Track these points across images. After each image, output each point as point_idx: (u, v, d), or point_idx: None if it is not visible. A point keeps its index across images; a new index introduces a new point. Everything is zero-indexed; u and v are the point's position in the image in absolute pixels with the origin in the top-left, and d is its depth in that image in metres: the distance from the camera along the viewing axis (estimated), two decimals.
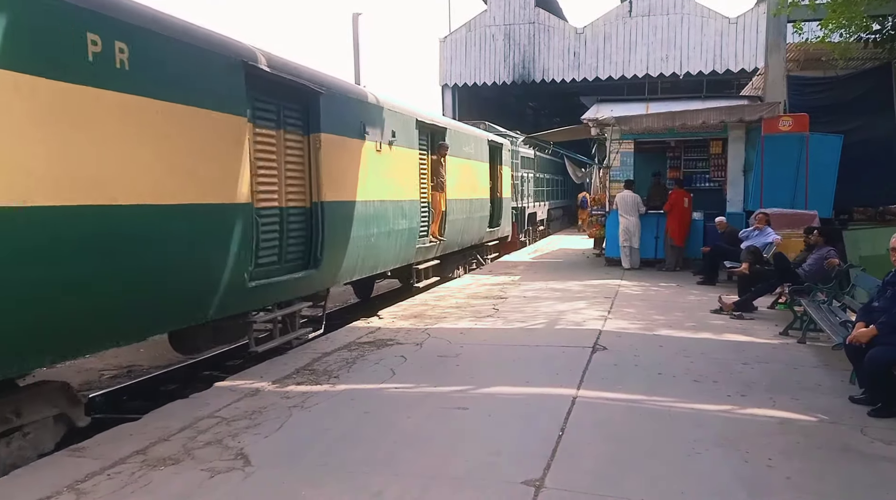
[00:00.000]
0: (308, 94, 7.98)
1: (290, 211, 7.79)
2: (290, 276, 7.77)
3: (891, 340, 5.22)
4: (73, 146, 4.82)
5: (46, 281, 4.67)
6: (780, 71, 14.33)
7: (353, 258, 9.28)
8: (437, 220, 12.85)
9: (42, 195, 4.58)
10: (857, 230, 11.80)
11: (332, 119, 8.44)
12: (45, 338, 4.79)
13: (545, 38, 29.48)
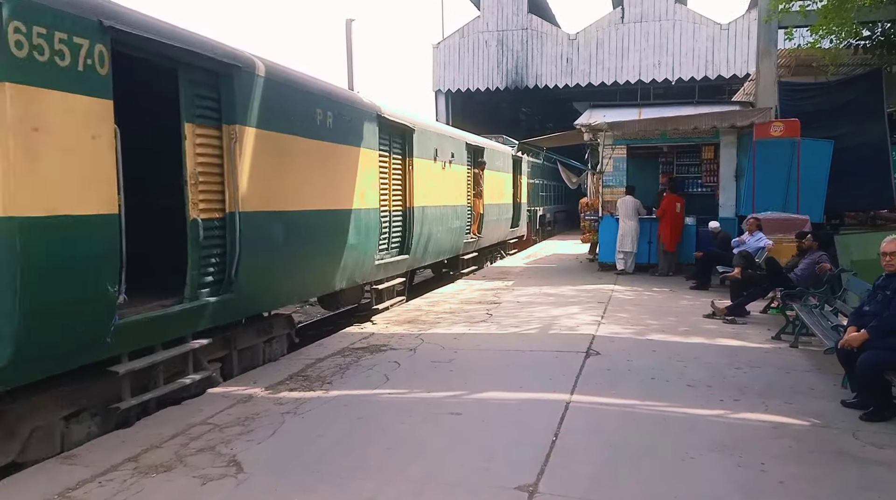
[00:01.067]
0: (406, 130, 11.23)
1: (393, 213, 10.82)
2: (393, 259, 10.77)
3: (882, 344, 5.24)
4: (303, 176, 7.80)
5: (287, 254, 7.45)
6: (771, 77, 14.42)
7: (429, 247, 12.49)
8: (476, 221, 15.81)
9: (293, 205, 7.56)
10: (848, 235, 11.87)
11: (419, 147, 11.70)
12: (284, 288, 7.76)
13: (538, 45, 29.59)
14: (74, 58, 4.74)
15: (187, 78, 5.99)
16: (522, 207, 21.10)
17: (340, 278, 8.95)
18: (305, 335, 9.83)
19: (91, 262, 4.95)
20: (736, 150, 14.63)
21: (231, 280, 6.51)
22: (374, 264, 9.91)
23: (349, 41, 16.08)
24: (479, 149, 15.87)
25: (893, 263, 5.52)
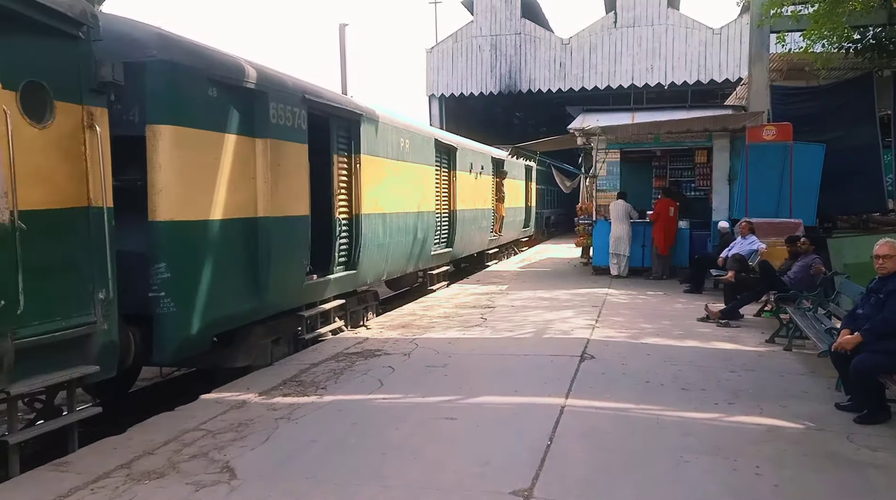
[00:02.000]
0: (451, 148, 14.52)
1: (442, 215, 14.05)
2: (442, 250, 14.10)
3: (875, 347, 5.25)
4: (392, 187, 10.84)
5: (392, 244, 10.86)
6: (763, 81, 14.47)
7: (466, 242, 15.88)
8: (498, 222, 19.16)
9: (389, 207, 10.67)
10: (841, 238, 11.91)
11: (460, 161, 15.05)
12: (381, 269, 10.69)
13: (531, 49, 29.65)
14: (293, 120, 7.80)
15: (335, 124, 9.05)
16: (532, 210, 25.26)
17: (411, 263, 12.30)
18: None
19: (298, 245, 8.01)
20: (729, 153, 14.69)
21: (354, 262, 9.56)
22: (430, 254, 13.28)
23: (342, 45, 16.08)
24: (500, 161, 19.08)
25: (886, 266, 5.53)
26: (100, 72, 5.07)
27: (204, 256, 6.45)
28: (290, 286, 7.90)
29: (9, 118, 4.33)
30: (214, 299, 6.49)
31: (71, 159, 4.94)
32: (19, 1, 4.45)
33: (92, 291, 5.08)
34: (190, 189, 6.22)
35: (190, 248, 6.31)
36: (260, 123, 7.14)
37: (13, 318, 4.38)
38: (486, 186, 17.94)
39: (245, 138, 6.97)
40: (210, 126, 6.49)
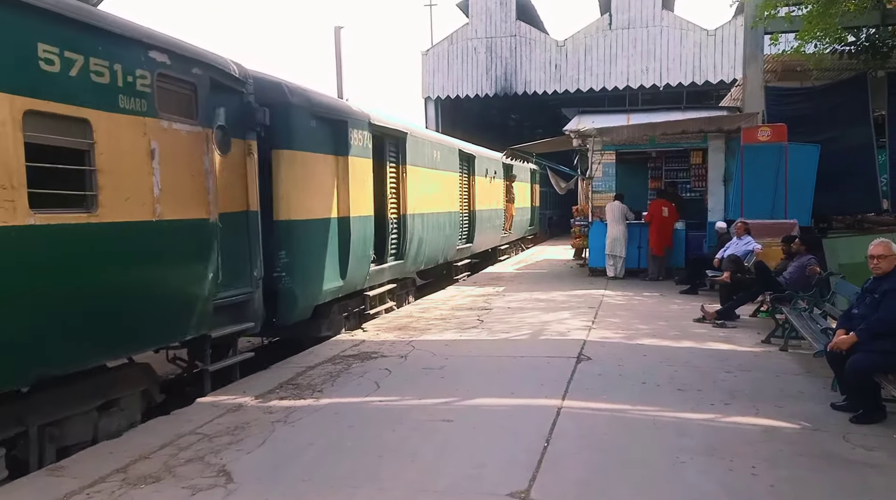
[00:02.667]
0: (470, 157, 16.84)
1: (464, 214, 16.33)
2: (464, 246, 16.32)
3: (871, 346, 5.26)
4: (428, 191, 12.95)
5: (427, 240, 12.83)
6: (758, 82, 14.51)
7: (483, 238, 18.00)
8: (508, 220, 21.39)
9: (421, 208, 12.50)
10: (836, 238, 11.94)
11: (478, 168, 17.41)
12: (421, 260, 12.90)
13: (527, 51, 29.68)
14: (363, 141, 10.07)
15: (387, 141, 11.32)
16: (537, 210, 27.84)
17: (441, 255, 14.51)
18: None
19: (367, 239, 10.15)
20: (724, 154, 14.72)
21: (402, 253, 11.80)
22: (455, 248, 15.56)
23: (338, 48, 16.10)
24: (510, 166, 21.22)
25: (881, 266, 5.54)
26: (256, 116, 7.34)
27: (309, 246, 8.67)
28: (362, 272, 10.17)
29: (212, 151, 6.60)
30: (316, 279, 8.79)
31: (239, 178, 7.16)
32: (217, 71, 6.71)
33: (250, 269, 7.30)
34: (299, 196, 8.41)
35: (300, 240, 8.41)
36: (342, 145, 9.47)
37: (215, 286, 6.58)
38: (499, 189, 20.28)
39: (333, 157, 9.35)
40: (312, 149, 8.75)
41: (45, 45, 4.80)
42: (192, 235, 6.38)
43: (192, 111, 6.38)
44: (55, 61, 4.89)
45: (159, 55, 5.93)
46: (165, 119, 6.01)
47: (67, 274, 5.02)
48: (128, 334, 5.69)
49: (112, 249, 5.45)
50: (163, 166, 5.93)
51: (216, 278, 6.55)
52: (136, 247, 5.70)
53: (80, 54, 5.09)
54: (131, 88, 5.58)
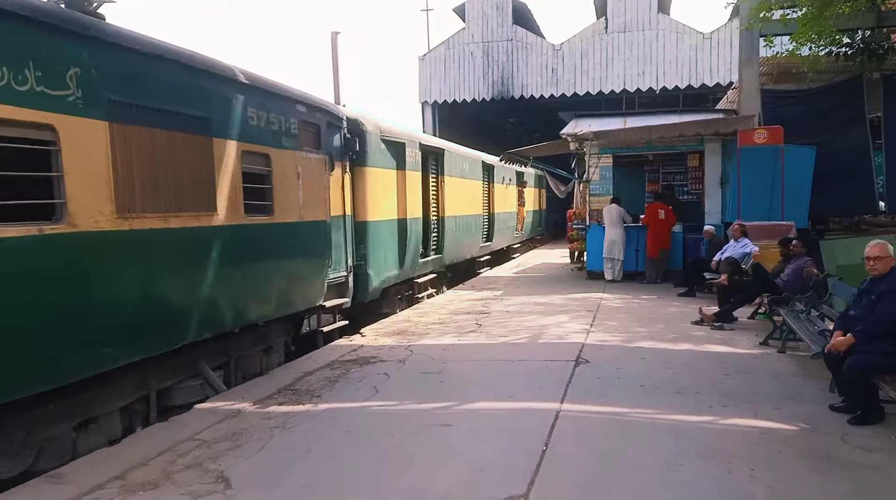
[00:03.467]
0: (490, 167, 19.03)
1: (484, 216, 18.41)
2: (485, 243, 18.61)
3: (868, 348, 5.27)
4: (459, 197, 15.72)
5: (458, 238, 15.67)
6: (754, 84, 14.55)
7: (499, 238, 20.38)
8: (520, 222, 23.86)
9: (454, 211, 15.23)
10: (833, 240, 11.96)
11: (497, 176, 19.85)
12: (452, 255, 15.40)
13: (523, 55, 29.72)
14: (415, 157, 12.52)
15: (432, 157, 13.87)
16: (544, 213, 30.30)
17: (467, 252, 16.95)
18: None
19: (417, 236, 12.43)
20: (721, 157, 14.75)
21: (440, 249, 14.35)
22: (479, 246, 17.99)
23: (335, 53, 16.14)
24: (521, 173, 23.41)
25: (877, 267, 5.55)
26: (349, 144, 9.89)
27: (379, 242, 11.00)
28: (413, 263, 12.63)
29: (326, 172, 9.06)
30: (384, 267, 11.20)
31: (339, 190, 9.52)
32: (330, 114, 9.33)
33: (346, 258, 9.78)
34: (373, 202, 10.75)
35: (374, 237, 10.73)
36: (401, 161, 11.97)
37: (328, 270, 9.05)
38: (512, 194, 22.75)
39: (395, 171, 11.80)
40: (380, 166, 11.15)
41: (251, 108, 7.31)
42: (318, 232, 8.83)
43: (317, 144, 8.90)
44: (254, 118, 7.39)
45: (301, 107, 8.44)
46: (304, 151, 8.45)
47: (260, 257, 7.53)
48: (288, 301, 8.18)
49: (281, 241, 7.96)
50: (303, 184, 8.34)
51: (329, 263, 9.12)
52: (291, 240, 8.17)
53: (265, 111, 7.56)
54: (288, 131, 8.05)
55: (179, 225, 6.19)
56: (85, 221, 5.13)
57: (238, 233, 7.01)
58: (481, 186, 18.15)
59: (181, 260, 6.28)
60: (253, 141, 7.31)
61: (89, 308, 5.24)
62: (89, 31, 5.26)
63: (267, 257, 7.64)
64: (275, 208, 7.64)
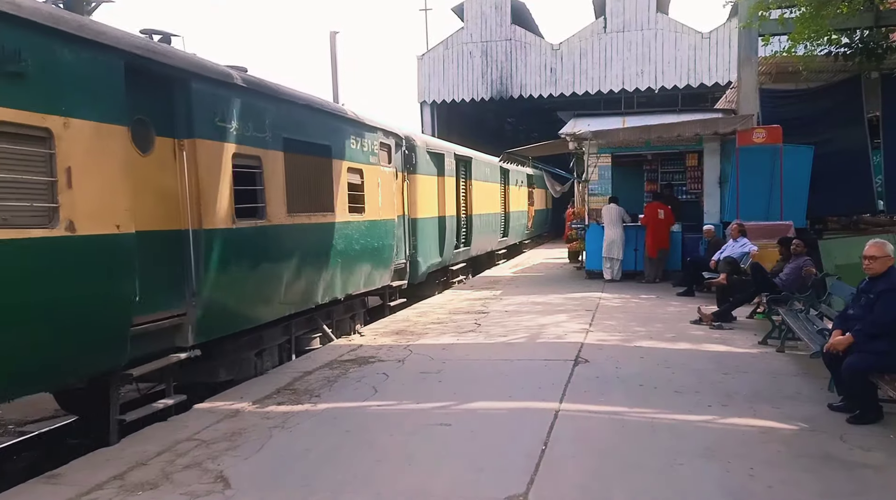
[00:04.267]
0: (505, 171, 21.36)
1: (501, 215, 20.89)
2: (502, 239, 21.15)
3: (867, 347, 5.28)
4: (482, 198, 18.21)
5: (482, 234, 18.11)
6: (752, 84, 14.54)
7: (513, 233, 22.80)
8: (530, 219, 26.46)
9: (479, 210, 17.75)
10: (832, 240, 11.97)
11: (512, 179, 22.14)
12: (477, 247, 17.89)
13: (522, 55, 29.73)
14: (453, 165, 15.32)
15: (462, 164, 16.19)
16: (550, 211, 32.36)
17: (489, 245, 19.50)
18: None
19: (452, 231, 15.04)
20: (719, 157, 14.75)
21: (468, 242, 16.53)
22: (497, 240, 20.55)
23: (334, 53, 16.12)
24: (531, 175, 25.95)
25: (872, 266, 5.56)
26: (407, 158, 12.36)
27: (426, 235, 13.33)
28: (450, 253, 15.05)
29: (395, 180, 11.61)
30: (429, 256, 13.60)
31: (400, 195, 12.01)
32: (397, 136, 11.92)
33: (406, 248, 12.24)
34: (422, 203, 13.18)
35: (421, 231, 13.04)
36: (440, 169, 14.53)
37: (395, 256, 11.54)
38: (524, 195, 25.43)
39: (436, 177, 14.33)
40: (427, 173, 13.60)
41: (353, 136, 9.99)
42: (390, 227, 11.37)
43: (389, 159, 11.63)
44: (354, 143, 10.01)
45: (381, 133, 11.18)
46: (381, 165, 11.14)
47: (357, 245, 9.99)
48: (372, 280, 10.78)
49: (368, 234, 10.42)
50: (382, 191, 11.05)
51: (395, 251, 11.66)
52: (374, 233, 10.67)
53: (360, 138, 10.27)
54: (372, 151, 10.73)
55: (315, 221, 8.81)
56: (274, 218, 7.77)
57: (346, 227, 9.63)
58: (499, 188, 20.78)
59: (316, 246, 8.86)
60: (353, 160, 9.99)
61: (274, 276, 7.78)
62: (276, 93, 8.01)
63: (360, 245, 10.16)
64: (365, 209, 10.34)
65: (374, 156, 10.74)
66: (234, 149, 7.07)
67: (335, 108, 10.10)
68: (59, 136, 5.00)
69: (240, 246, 7.12)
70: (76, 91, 5.19)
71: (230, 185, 7.00)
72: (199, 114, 6.56)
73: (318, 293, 8.89)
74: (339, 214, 9.41)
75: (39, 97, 4.88)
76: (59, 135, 5.00)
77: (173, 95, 6.40)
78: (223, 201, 6.89)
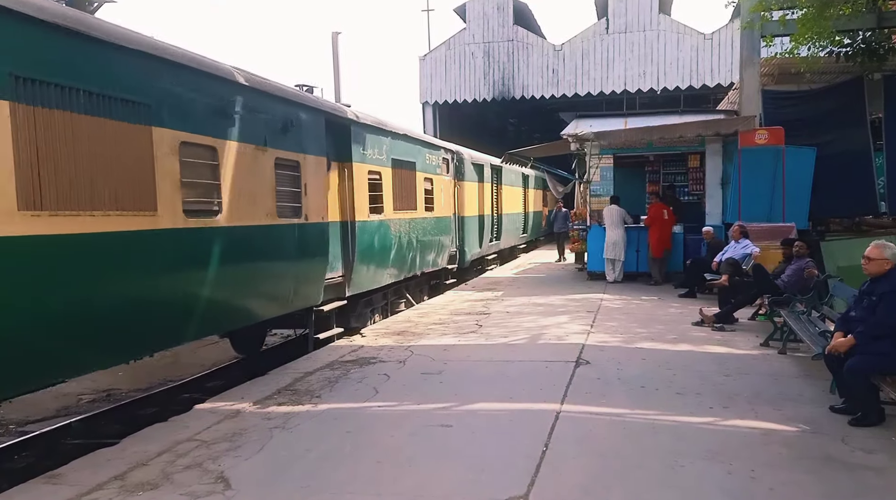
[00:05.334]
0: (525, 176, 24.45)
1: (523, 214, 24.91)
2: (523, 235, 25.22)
3: (869, 349, 5.27)
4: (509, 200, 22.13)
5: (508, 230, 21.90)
6: (754, 85, 14.52)
7: (534, 231, 27.24)
8: (543, 218, 29.41)
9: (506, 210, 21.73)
10: (834, 241, 11.95)
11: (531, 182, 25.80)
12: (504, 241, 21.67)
13: (524, 56, 29.74)
14: (491, 174, 19.45)
15: (495, 171, 19.85)
16: None
17: (513, 240, 22.93)
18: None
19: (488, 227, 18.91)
20: (721, 158, 14.73)
21: (499, 237, 20.47)
22: (519, 236, 24.04)
23: (336, 54, 16.13)
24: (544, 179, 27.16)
25: (868, 268, 5.57)
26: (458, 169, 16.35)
27: (470, 229, 16.79)
28: (486, 245, 18.51)
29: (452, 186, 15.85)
30: (472, 246, 16.99)
31: (453, 197, 15.77)
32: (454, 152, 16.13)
33: (455, 239, 15.99)
34: (468, 204, 16.61)
35: (467, 226, 16.48)
36: (480, 176, 17.75)
37: (450, 245, 15.50)
38: (539, 196, 28.65)
39: (478, 183, 17.65)
40: (470, 180, 16.88)
41: (428, 153, 13.85)
42: (449, 223, 15.26)
43: (448, 170, 15.31)
44: (429, 159, 13.77)
45: (444, 151, 14.85)
46: (444, 175, 14.74)
47: (430, 234, 13.63)
48: (436, 262, 14.28)
49: (436, 227, 14.03)
50: (444, 195, 14.69)
51: (451, 241, 15.43)
52: (439, 227, 14.33)
53: (433, 155, 14.18)
54: (437, 164, 14.29)
55: (408, 217, 12.47)
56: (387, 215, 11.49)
57: (423, 221, 13.33)
58: (521, 191, 24.45)
59: (407, 234, 12.42)
60: (427, 172, 13.79)
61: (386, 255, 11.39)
62: (389, 129, 11.61)
63: (431, 235, 13.82)
64: (434, 208, 14.07)
65: (438, 168, 14.61)
66: (368, 167, 10.78)
67: (420, 135, 14.35)
68: (302, 165, 8.62)
69: (371, 232, 10.76)
70: (308, 137, 8.81)
71: (367, 191, 10.65)
72: (354, 147, 10.23)
73: (406, 269, 12.52)
74: (420, 212, 13.21)
75: (295, 143, 8.47)
76: (302, 164, 8.62)
77: (342, 135, 10.02)
78: (363, 202, 10.51)
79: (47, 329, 5.03)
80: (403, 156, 12.28)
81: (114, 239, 5.55)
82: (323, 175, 9.24)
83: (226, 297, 7.10)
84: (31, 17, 4.82)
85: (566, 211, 20.47)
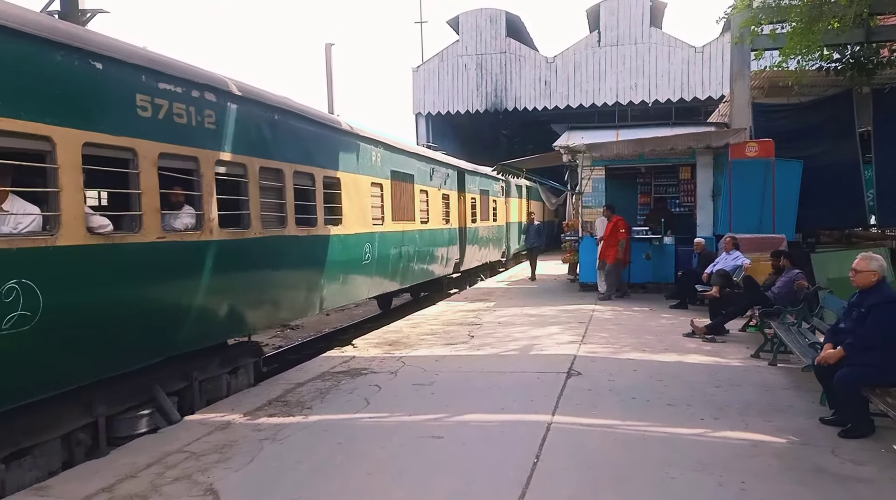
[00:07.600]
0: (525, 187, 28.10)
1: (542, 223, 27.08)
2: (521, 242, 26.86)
3: (858, 360, 5.29)
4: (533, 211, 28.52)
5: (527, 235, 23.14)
6: (745, 98, 14.65)
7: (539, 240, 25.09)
8: None
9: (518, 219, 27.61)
10: (824, 253, 12.02)
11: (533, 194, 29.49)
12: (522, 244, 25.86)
13: (517, 68, 29.94)
14: (519, 190, 27.17)
15: (527, 188, 28.09)
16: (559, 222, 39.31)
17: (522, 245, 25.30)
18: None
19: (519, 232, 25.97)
20: (712, 170, 14.83)
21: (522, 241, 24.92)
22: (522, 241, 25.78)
23: (329, 65, 16.17)
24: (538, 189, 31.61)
25: (855, 279, 5.61)
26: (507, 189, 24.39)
27: (512, 233, 25.11)
28: (520, 244, 25.06)
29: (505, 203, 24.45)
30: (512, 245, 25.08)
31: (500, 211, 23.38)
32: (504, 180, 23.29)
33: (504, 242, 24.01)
34: (512, 214, 25.16)
35: (511, 231, 24.82)
36: (519, 193, 26.82)
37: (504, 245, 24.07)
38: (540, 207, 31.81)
39: (518, 199, 26.50)
40: (514, 196, 25.81)
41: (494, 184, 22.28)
42: (503, 229, 23.46)
43: (502, 191, 23.27)
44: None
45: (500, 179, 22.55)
46: (501, 196, 23.20)
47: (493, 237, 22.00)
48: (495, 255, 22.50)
49: (498, 232, 22.82)
50: (498, 210, 22.83)
51: (506, 241, 23.76)
52: (497, 233, 22.67)
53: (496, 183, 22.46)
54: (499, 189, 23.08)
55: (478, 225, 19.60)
56: (471, 223, 18.82)
57: (490, 227, 21.06)
58: (525, 202, 28.47)
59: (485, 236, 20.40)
60: (491, 194, 21.32)
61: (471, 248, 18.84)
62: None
63: (495, 238, 21.72)
64: (497, 218, 22.08)
65: (499, 191, 22.61)
66: (470, 195, 18.47)
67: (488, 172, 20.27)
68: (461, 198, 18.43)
69: (470, 235, 17.64)
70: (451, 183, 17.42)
71: (470, 208, 18.22)
72: (466, 183, 17.84)
73: (476, 258, 18.98)
74: (489, 221, 21.03)
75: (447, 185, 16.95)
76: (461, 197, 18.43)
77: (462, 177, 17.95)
78: (467, 215, 17.85)
79: None
80: (482, 186, 20.37)
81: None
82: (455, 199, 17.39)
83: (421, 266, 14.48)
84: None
85: (539, 225, 22.01)
